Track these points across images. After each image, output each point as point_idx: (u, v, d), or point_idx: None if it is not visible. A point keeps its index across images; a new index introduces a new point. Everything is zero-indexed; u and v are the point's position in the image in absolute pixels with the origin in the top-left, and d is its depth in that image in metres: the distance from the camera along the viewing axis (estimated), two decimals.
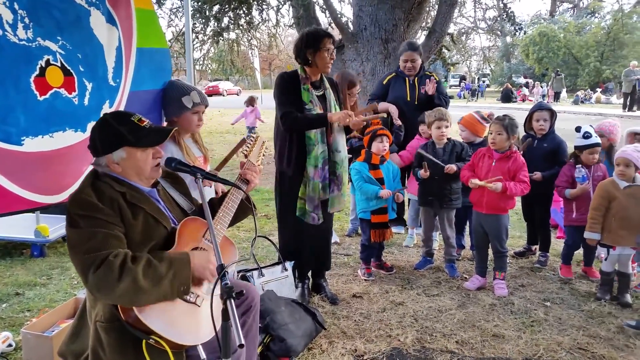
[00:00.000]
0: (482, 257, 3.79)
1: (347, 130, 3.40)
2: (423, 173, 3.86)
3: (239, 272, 3.21)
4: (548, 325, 3.17)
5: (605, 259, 3.59)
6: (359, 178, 3.79)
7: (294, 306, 3.04)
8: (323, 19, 9.22)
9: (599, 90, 28.52)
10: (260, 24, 10.55)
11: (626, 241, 3.37)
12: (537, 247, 4.40)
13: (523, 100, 27.69)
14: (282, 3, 9.28)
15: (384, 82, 4.75)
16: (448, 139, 3.95)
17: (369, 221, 3.84)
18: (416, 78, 4.63)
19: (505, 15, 7.95)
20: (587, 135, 3.76)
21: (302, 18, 8.06)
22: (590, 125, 3.91)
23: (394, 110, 4.54)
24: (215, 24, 9.44)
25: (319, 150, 3.23)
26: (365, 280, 3.87)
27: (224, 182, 2.07)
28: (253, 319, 2.25)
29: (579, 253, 4.12)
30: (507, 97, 27.87)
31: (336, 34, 8.10)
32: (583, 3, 38.35)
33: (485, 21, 20.69)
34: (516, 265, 4.22)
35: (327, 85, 3.36)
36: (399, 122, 4.52)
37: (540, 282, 3.86)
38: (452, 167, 3.79)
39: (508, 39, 35.40)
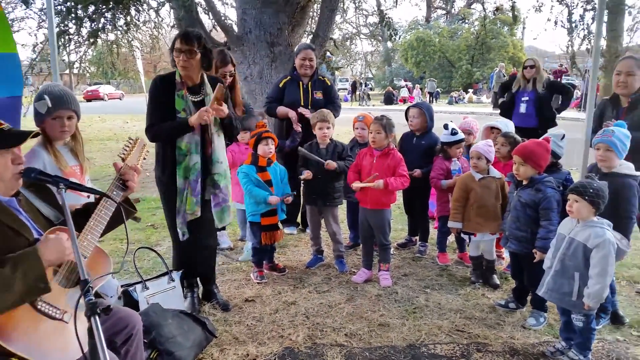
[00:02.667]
0: (368, 251, 3.96)
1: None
2: (306, 175, 3.95)
3: (122, 286, 3.03)
4: (429, 311, 3.39)
5: (468, 245, 3.94)
6: (247, 181, 3.77)
7: (182, 317, 2.93)
8: (207, 21, 9.06)
9: (470, 90, 31.22)
10: (141, 25, 10.08)
11: (484, 228, 3.71)
12: (418, 237, 4.69)
13: (404, 102, 29.44)
14: (162, 4, 8.93)
15: (280, 85, 4.80)
16: (330, 139, 4.08)
17: (259, 224, 3.84)
18: (310, 82, 4.73)
19: (382, 21, 8.39)
20: (454, 132, 4.11)
21: (184, 20, 7.84)
22: (451, 121, 4.29)
23: (293, 115, 4.59)
24: (91, 24, 8.83)
25: (192, 162, 3.09)
26: (258, 283, 3.86)
27: (91, 191, 1.93)
28: (137, 347, 2.15)
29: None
30: (389, 99, 29.56)
31: (222, 36, 8.02)
32: (455, 10, 41.69)
33: (367, 27, 21.70)
34: (399, 256, 4.48)
35: (209, 90, 3.14)
36: (298, 128, 4.58)
37: (421, 271, 4.13)
38: (332, 163, 3.92)
39: (389, 44, 37.43)
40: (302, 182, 4.11)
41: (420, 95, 29.60)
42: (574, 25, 8.72)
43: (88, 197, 2.35)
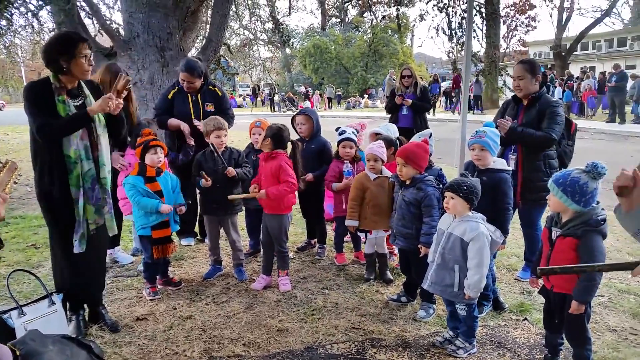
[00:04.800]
0: (267, 256, 3.95)
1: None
2: (205, 182, 3.85)
3: None
4: (327, 312, 3.45)
5: (364, 243, 4.09)
6: (134, 193, 3.58)
7: (64, 342, 2.70)
8: (91, 25, 8.50)
9: (366, 96, 32.51)
10: (20, 30, 9.21)
11: (379, 225, 3.87)
12: (316, 240, 4.77)
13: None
14: (39, 8, 8.24)
15: (169, 97, 4.62)
16: (226, 147, 4.01)
17: (150, 237, 3.66)
18: (199, 94, 4.61)
19: (276, 28, 8.46)
20: (341, 132, 4.26)
21: (65, 24, 7.30)
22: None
23: (185, 128, 4.44)
24: None
25: (85, 168, 2.94)
26: (151, 300, 3.68)
27: None
28: None
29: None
30: (291, 105, 29.84)
31: (106, 40, 7.57)
32: (348, 18, 43.17)
33: (265, 33, 21.75)
34: (299, 260, 4.52)
35: (87, 92, 3.04)
36: (191, 142, 4.42)
37: (319, 272, 4.20)
38: (232, 170, 3.86)
39: (287, 50, 37.84)
40: (198, 192, 3.96)
41: (320, 101, 30.30)
42: (453, 32, 9.42)
43: None
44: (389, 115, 6.70)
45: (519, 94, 3.74)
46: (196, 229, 5.12)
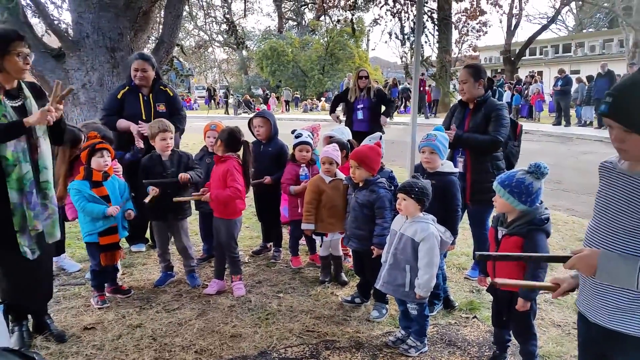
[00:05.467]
0: (219, 261, 3.89)
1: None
2: (153, 192, 3.74)
3: None
4: (281, 316, 3.44)
5: (321, 246, 4.10)
6: (80, 198, 3.44)
7: (6, 355, 2.56)
8: (39, 25, 8.17)
9: (323, 99, 32.67)
10: None
11: (335, 228, 3.89)
12: (272, 243, 4.74)
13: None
14: None
15: (119, 97, 4.47)
16: (173, 150, 3.93)
17: (97, 244, 3.54)
18: (151, 94, 4.49)
19: (229, 30, 8.38)
20: (297, 135, 4.25)
21: (9, 22, 6.98)
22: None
23: (135, 130, 4.31)
24: None
25: (23, 171, 2.81)
26: (99, 308, 3.55)
27: None
28: None
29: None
30: (247, 107, 29.60)
31: (55, 40, 7.29)
32: (305, 21, 43.31)
33: (221, 35, 21.51)
34: (254, 264, 4.48)
35: (28, 93, 2.91)
36: (140, 144, 4.29)
37: (274, 276, 4.17)
38: (185, 175, 3.78)
39: (244, 52, 37.57)
40: (146, 203, 3.80)
41: (277, 103, 30.23)
42: (406, 37, 9.61)
43: None
44: (344, 119, 6.77)
45: (464, 98, 3.85)
46: (147, 234, 4.99)
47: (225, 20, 8.72)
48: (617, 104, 1.51)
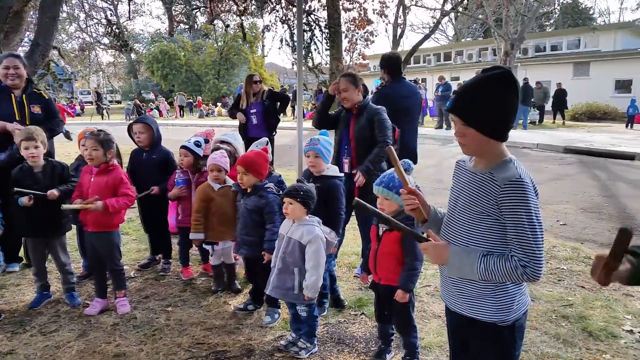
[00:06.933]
0: (99, 278, 3.65)
1: None
2: (26, 202, 3.42)
3: None
4: (169, 330, 3.30)
5: (211, 255, 4.02)
6: None
7: None
8: None
9: (219, 104, 32.11)
10: None
11: (226, 235, 3.84)
12: (161, 255, 4.55)
13: (161, 116, 28.69)
14: None
15: None
16: (47, 159, 3.62)
17: None
18: (24, 95, 4.21)
19: (111, 32, 7.94)
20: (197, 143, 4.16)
21: None
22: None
23: (12, 128, 3.99)
24: None
25: None
26: None
27: None
28: None
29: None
30: (137, 112, 28.22)
31: None
32: (197, 25, 42.27)
33: (107, 37, 20.30)
34: (141, 278, 4.26)
35: None
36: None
37: (163, 289, 4.00)
38: (54, 193, 3.49)
39: (132, 55, 35.75)
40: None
41: (170, 109, 29.17)
42: (296, 44, 9.79)
43: None
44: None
45: (346, 105, 4.01)
46: (21, 253, 4.54)
47: (106, 21, 8.24)
48: (458, 101, 1.67)
